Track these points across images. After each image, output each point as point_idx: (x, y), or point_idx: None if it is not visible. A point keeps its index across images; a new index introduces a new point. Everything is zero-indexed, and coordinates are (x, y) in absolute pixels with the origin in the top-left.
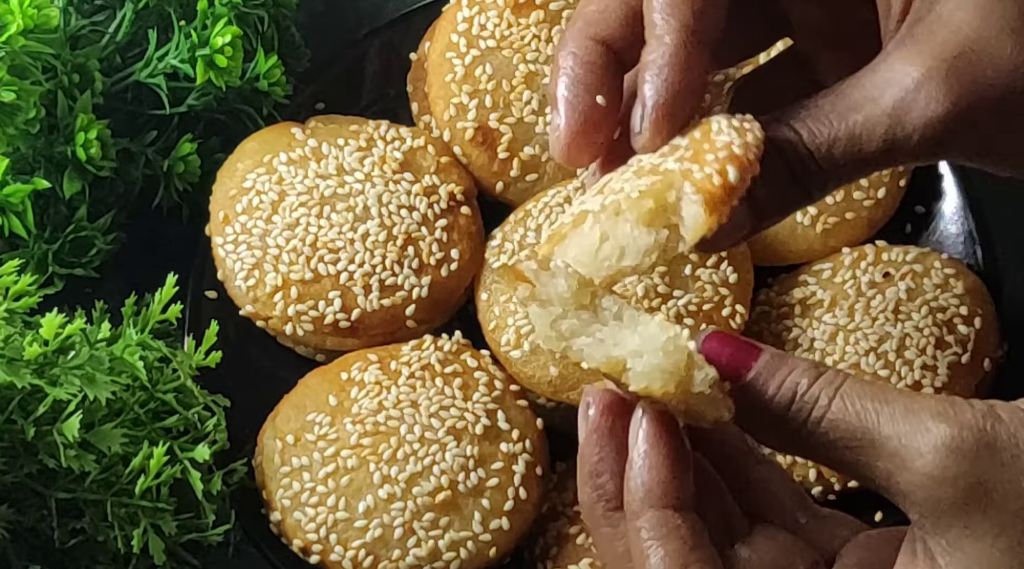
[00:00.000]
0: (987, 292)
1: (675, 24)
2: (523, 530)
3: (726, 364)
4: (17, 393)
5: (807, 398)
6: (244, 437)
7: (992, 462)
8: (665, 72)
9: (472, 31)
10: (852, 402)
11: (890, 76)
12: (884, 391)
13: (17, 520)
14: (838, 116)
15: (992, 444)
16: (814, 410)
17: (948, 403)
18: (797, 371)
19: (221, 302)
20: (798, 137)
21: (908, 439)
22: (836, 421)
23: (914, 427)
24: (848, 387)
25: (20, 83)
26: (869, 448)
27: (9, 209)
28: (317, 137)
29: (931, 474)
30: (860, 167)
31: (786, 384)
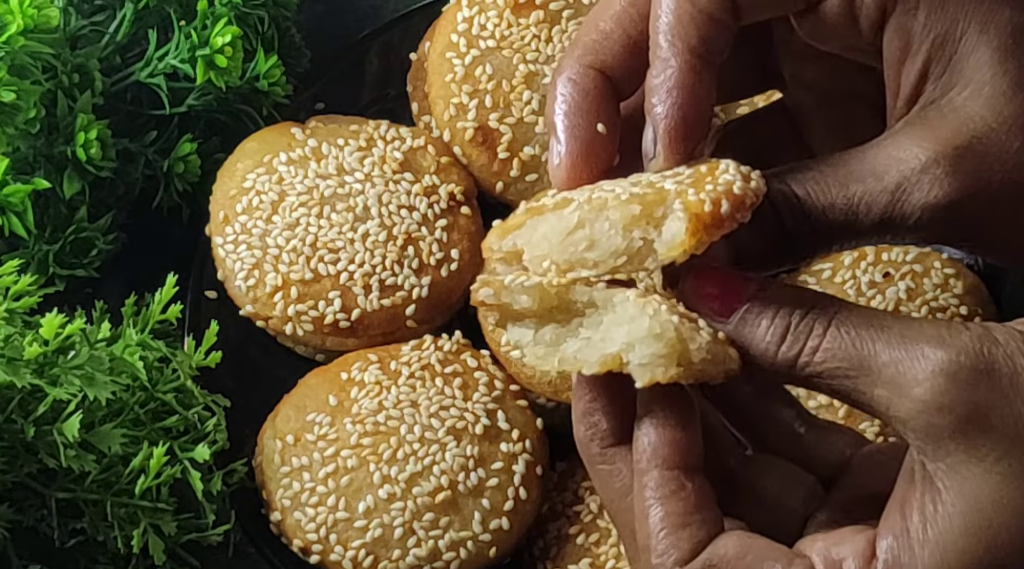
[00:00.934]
0: (987, 292)
1: (681, 47)
2: (523, 530)
3: (718, 304)
4: (17, 393)
5: (801, 328)
6: (244, 437)
7: (990, 387)
8: (674, 94)
9: (472, 31)
10: (847, 330)
11: (897, 154)
12: (879, 317)
13: (17, 520)
14: (839, 183)
15: (989, 369)
16: (809, 339)
17: (944, 327)
18: (788, 302)
19: (221, 302)
20: (796, 196)
21: (905, 366)
22: (832, 350)
23: (911, 353)
24: (842, 315)
25: (20, 83)
26: (866, 376)
27: (9, 209)
28: (317, 137)
29: (929, 401)
30: (852, 237)
31: (779, 316)
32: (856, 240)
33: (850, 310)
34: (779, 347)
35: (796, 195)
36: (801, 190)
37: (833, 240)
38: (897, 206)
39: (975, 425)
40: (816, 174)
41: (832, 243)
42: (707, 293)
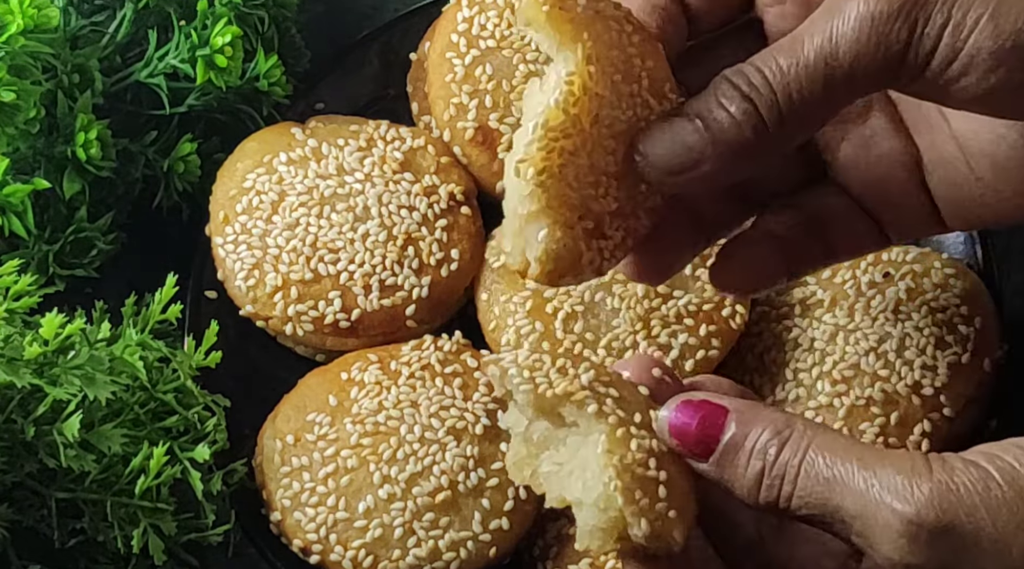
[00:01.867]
0: (987, 292)
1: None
2: (523, 530)
3: (695, 443)
4: (17, 393)
5: (775, 473)
6: (244, 437)
7: (952, 548)
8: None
9: (472, 31)
10: (817, 476)
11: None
12: (846, 456)
13: (17, 520)
14: (791, 46)
15: (949, 528)
16: (783, 486)
17: (906, 478)
18: (762, 439)
19: (221, 302)
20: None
21: (872, 522)
22: (805, 497)
23: (876, 508)
24: (812, 455)
25: (20, 83)
26: (840, 523)
27: (9, 209)
28: (317, 137)
29: (898, 562)
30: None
31: (754, 457)
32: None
33: (819, 448)
34: (758, 490)
35: (765, 78)
36: (768, 71)
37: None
38: (837, 29)
39: (944, 535)
40: (769, 52)
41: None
42: (684, 437)
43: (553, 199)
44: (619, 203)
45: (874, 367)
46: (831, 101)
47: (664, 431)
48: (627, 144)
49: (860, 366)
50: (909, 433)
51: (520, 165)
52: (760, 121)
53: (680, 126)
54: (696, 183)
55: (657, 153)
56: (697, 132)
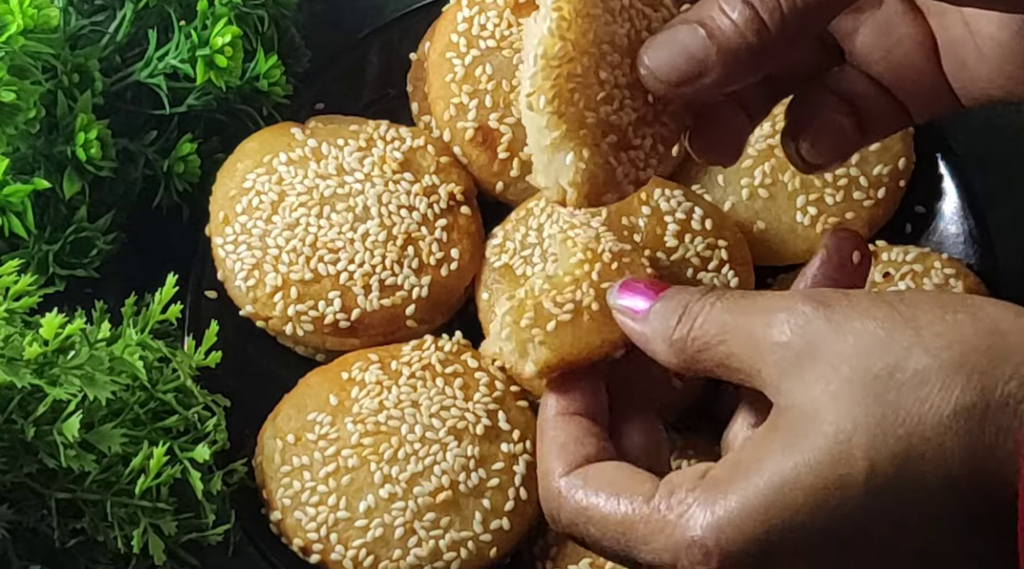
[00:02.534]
0: (987, 292)
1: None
2: (524, 530)
3: (637, 305)
4: (17, 393)
5: (694, 309)
6: (244, 437)
7: (822, 322)
8: None
9: (472, 31)
10: (724, 303)
11: None
12: (751, 294)
13: (17, 520)
14: None
15: (824, 304)
16: (698, 317)
17: (787, 296)
18: (692, 293)
19: (221, 302)
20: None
21: (762, 323)
22: (712, 319)
23: (768, 312)
24: (724, 294)
25: (20, 83)
26: (734, 335)
27: (9, 209)
28: (317, 137)
29: (774, 342)
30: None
31: (677, 302)
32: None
33: (730, 292)
34: (675, 330)
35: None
36: None
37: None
38: None
39: (808, 356)
40: None
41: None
42: (628, 296)
43: (572, 123)
44: (638, 112)
45: None
46: (831, 7)
47: (613, 293)
48: (632, 55)
49: None
50: None
51: (531, 98)
52: (763, 25)
53: (683, 34)
54: (703, 91)
55: (661, 65)
56: (700, 40)
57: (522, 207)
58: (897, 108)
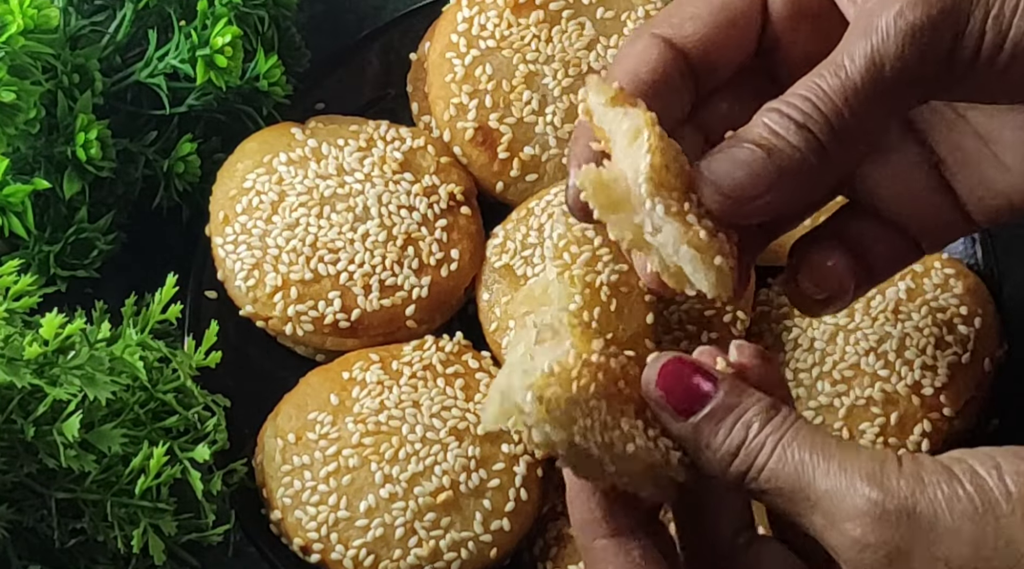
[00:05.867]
0: (987, 292)
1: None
2: (524, 531)
3: (679, 400)
4: (17, 393)
5: (753, 445)
6: (244, 437)
7: (911, 530)
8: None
9: (472, 31)
10: (793, 453)
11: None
12: (825, 444)
13: (17, 520)
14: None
15: (912, 513)
16: (758, 458)
17: (879, 464)
18: (749, 413)
19: (221, 302)
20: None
21: (839, 500)
22: (776, 473)
23: (846, 488)
24: (790, 436)
25: (20, 83)
26: (805, 502)
27: (9, 209)
28: (317, 137)
29: (857, 539)
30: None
31: (737, 428)
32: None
33: (800, 431)
34: (732, 460)
35: (815, 98)
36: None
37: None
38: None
39: (897, 564)
40: (811, 76)
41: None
42: (670, 390)
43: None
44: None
45: (874, 367)
46: (884, 116)
47: (651, 380)
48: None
49: (860, 366)
50: (909, 433)
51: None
52: (819, 145)
53: (743, 154)
54: (762, 211)
55: (722, 177)
56: (760, 159)
57: (522, 207)
58: (905, 241)
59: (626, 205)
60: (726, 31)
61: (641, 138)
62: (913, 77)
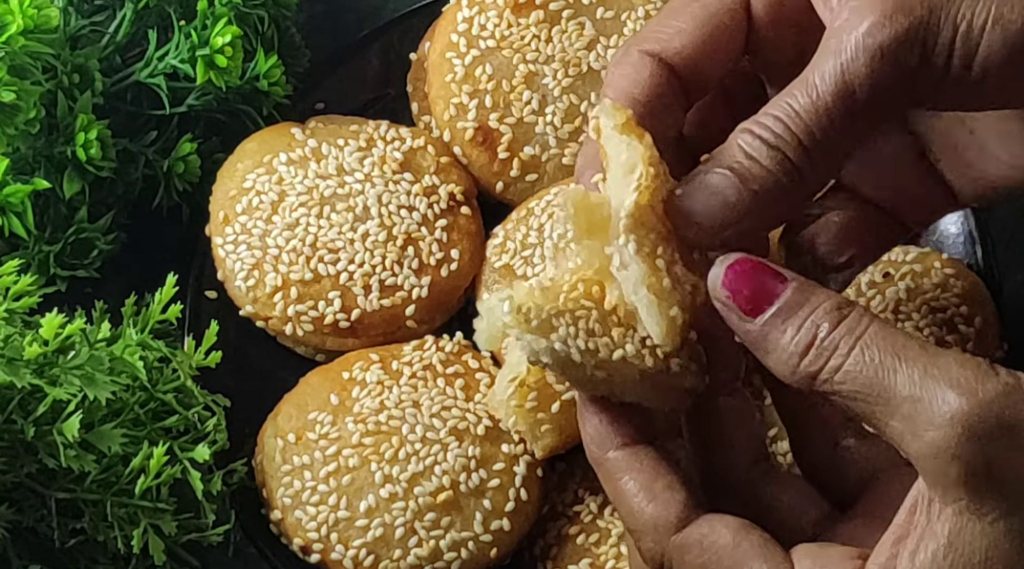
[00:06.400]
0: (987, 292)
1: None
2: (524, 531)
3: (746, 302)
4: (17, 393)
5: (826, 344)
6: (244, 437)
7: (1009, 444)
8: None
9: (472, 31)
10: (872, 355)
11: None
12: (907, 346)
13: (17, 520)
14: (805, 84)
15: (1011, 426)
16: (832, 358)
17: (972, 371)
18: (819, 311)
19: (221, 302)
20: (787, 114)
21: (924, 406)
22: (854, 373)
23: (932, 394)
24: (869, 336)
25: (20, 83)
26: (884, 406)
27: (9, 209)
28: (317, 137)
29: (943, 447)
30: (857, 123)
31: (806, 326)
32: (872, 117)
33: (879, 331)
34: (801, 359)
35: (787, 118)
36: (788, 111)
37: (847, 140)
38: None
39: (986, 479)
40: (783, 95)
41: (849, 141)
42: (737, 289)
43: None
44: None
45: None
46: (856, 133)
47: (717, 281)
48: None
49: None
50: None
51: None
52: (792, 166)
53: (715, 180)
54: (738, 236)
55: (697, 212)
56: (734, 187)
57: (523, 207)
58: (891, 221)
59: (603, 233)
60: (712, 43)
61: (635, 173)
62: (884, 95)
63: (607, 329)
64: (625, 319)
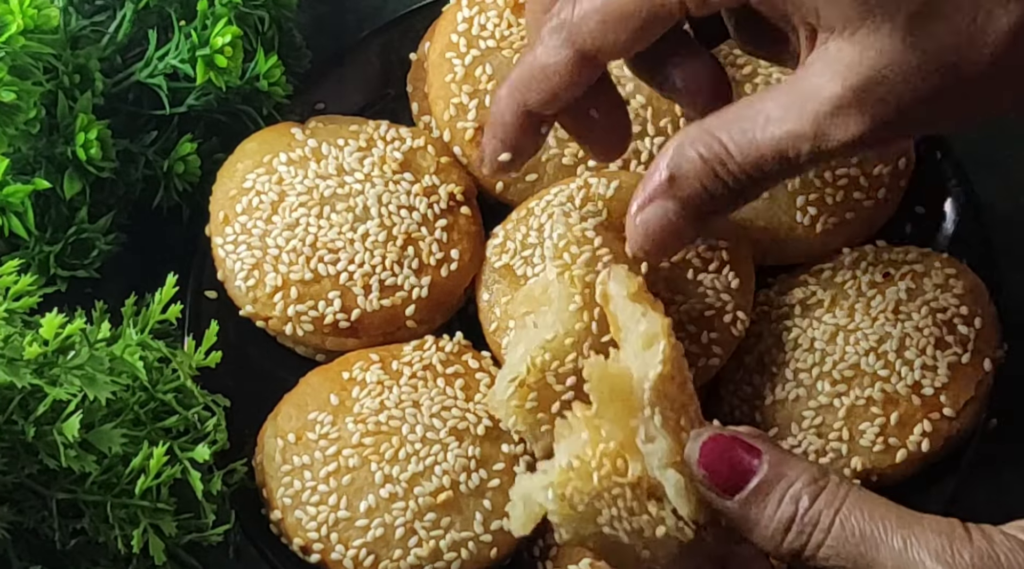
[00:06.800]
0: (987, 292)
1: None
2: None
3: (724, 478)
4: (17, 393)
5: (807, 520)
6: (244, 437)
7: None
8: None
9: (472, 31)
10: (853, 528)
11: (810, 99)
12: (885, 516)
13: (18, 521)
14: (761, 130)
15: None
16: (815, 533)
17: (947, 537)
18: (796, 485)
19: (221, 302)
20: (729, 153)
21: None
22: (836, 548)
23: (913, 565)
24: (848, 508)
25: (21, 83)
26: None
27: (10, 209)
28: (317, 137)
29: None
30: (790, 173)
31: (785, 501)
32: (791, 174)
33: (856, 501)
34: (784, 536)
35: (728, 152)
36: (732, 145)
37: (773, 179)
38: (821, 144)
39: None
40: (741, 124)
41: (774, 181)
42: (713, 470)
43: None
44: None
45: (874, 367)
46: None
47: (693, 458)
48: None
49: (860, 366)
50: (909, 433)
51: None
52: (729, 190)
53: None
54: (686, 244)
55: (642, 246)
56: (678, 213)
57: (522, 207)
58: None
59: (626, 403)
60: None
61: (657, 346)
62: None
63: (643, 505)
64: (651, 490)
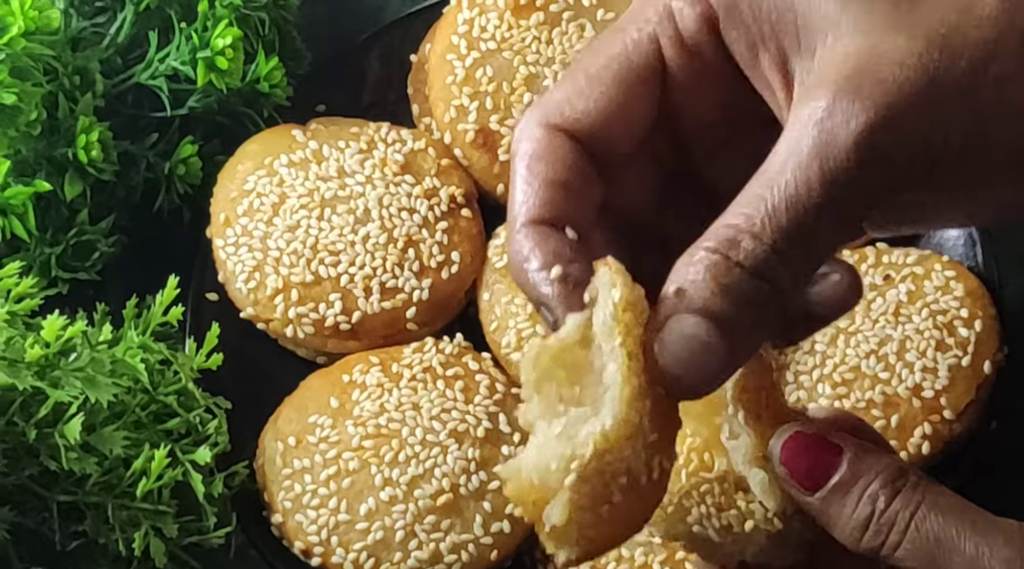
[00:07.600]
0: (988, 295)
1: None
2: (524, 533)
3: (805, 476)
4: (18, 395)
5: (883, 521)
6: (245, 439)
7: None
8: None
9: (472, 33)
10: (927, 533)
11: (802, 116)
12: (960, 521)
13: (18, 522)
14: (765, 186)
15: None
16: (891, 534)
17: (1019, 552)
18: (874, 485)
19: (222, 304)
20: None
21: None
22: (913, 550)
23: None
24: (924, 510)
25: (21, 85)
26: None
27: (10, 211)
28: (318, 139)
29: None
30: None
31: (863, 501)
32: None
33: (932, 505)
34: (862, 535)
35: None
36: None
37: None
38: (830, 160)
39: None
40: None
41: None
42: (794, 467)
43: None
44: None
45: (874, 369)
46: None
47: (775, 457)
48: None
49: (861, 368)
50: (909, 435)
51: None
52: (776, 290)
53: (693, 331)
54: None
55: (689, 379)
56: (717, 340)
57: None
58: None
59: (710, 400)
60: (622, 111)
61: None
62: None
63: (731, 500)
64: (738, 483)
